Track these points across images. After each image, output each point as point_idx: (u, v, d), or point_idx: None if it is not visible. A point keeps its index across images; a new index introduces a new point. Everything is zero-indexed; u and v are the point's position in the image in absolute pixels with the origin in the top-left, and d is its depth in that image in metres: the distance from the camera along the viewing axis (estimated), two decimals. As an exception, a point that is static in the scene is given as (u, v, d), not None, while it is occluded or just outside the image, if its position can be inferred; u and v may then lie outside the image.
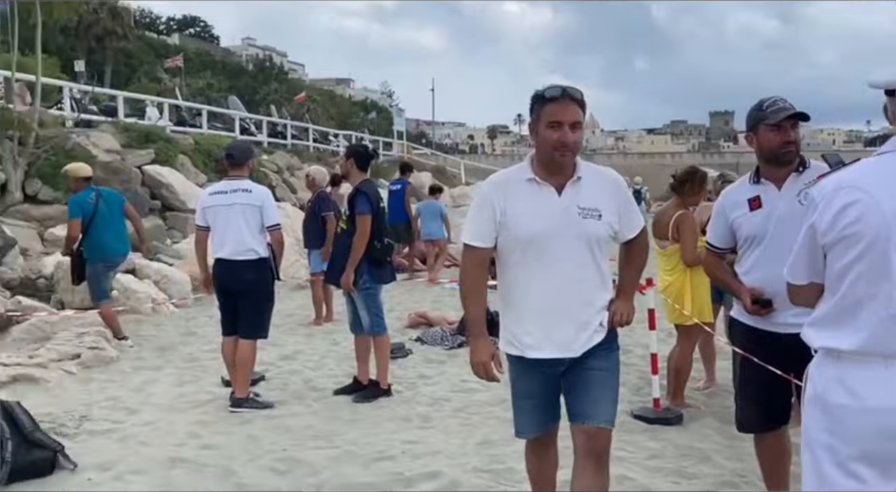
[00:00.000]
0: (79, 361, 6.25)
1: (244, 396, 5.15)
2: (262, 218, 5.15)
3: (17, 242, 9.34)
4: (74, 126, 14.42)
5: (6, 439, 3.91)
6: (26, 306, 7.63)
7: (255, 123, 24.60)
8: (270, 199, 5.32)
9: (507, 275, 2.71)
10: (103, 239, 7.05)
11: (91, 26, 41.17)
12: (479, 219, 2.68)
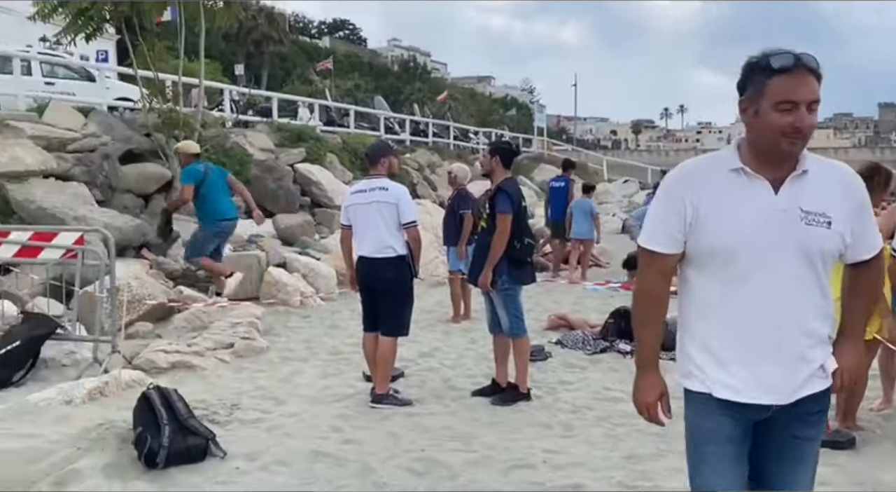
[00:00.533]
0: (232, 350, 6.56)
1: (384, 392, 5.18)
2: (399, 215, 5.15)
3: (180, 235, 10.00)
4: (233, 126, 15.33)
5: (164, 424, 4.13)
6: (186, 296, 8.13)
7: (398, 122, 25.21)
8: (406, 196, 5.31)
9: (694, 291, 2.12)
10: (213, 204, 8.16)
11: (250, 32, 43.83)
12: (663, 218, 2.09)
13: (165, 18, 12.63)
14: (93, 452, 4.14)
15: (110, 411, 4.88)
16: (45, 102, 11.91)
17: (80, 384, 5.30)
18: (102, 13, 11.09)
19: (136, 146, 11.45)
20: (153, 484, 3.88)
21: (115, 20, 11.31)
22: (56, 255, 6.22)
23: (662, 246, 2.09)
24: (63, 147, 10.20)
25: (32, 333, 5.76)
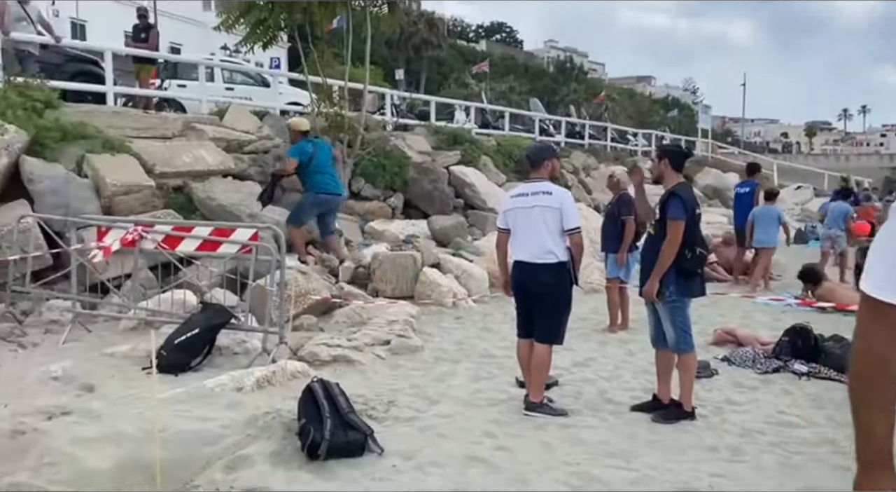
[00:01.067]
0: (388, 347, 6.72)
1: (538, 400, 5.09)
2: (562, 221, 5.03)
3: (343, 233, 10.42)
4: (393, 129, 15.81)
5: (326, 417, 4.27)
6: (347, 293, 8.45)
7: (553, 124, 24.97)
8: (571, 201, 5.17)
9: None
10: (320, 178, 9.00)
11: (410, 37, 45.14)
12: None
13: (334, 26, 13.23)
14: (260, 439, 4.37)
15: (276, 400, 5.14)
16: (225, 106, 12.85)
17: (251, 373, 5.62)
18: (278, 22, 11.78)
19: (304, 148, 12.06)
20: (315, 475, 4.03)
21: (290, 28, 11.98)
22: (233, 249, 6.66)
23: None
24: (240, 148, 10.95)
25: (210, 322, 6.18)
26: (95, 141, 8.78)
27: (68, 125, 8.74)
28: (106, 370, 5.84)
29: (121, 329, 7.00)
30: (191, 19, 33.36)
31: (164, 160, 9.39)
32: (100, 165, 8.45)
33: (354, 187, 12.43)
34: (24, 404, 4.90)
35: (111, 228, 6.83)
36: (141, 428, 4.49)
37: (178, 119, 11.34)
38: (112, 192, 8.28)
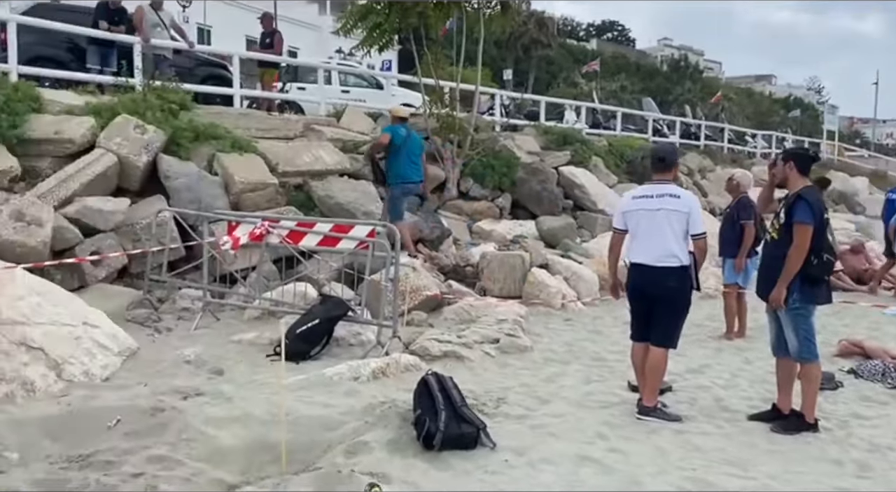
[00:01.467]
0: (497, 345, 6.82)
1: (652, 405, 5.05)
2: (689, 225, 4.96)
3: (451, 232, 10.61)
4: (502, 130, 15.89)
5: (441, 409, 4.41)
6: (456, 290, 8.61)
7: (667, 124, 24.35)
8: (698, 205, 5.08)
9: None
10: (403, 167, 9.47)
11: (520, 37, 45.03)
12: None
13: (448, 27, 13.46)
14: (377, 427, 4.56)
15: (391, 391, 5.34)
16: (341, 108, 13.32)
17: (366, 363, 5.86)
18: (394, 26, 12.11)
19: (415, 148, 12.35)
20: (430, 465, 4.17)
21: (405, 31, 12.29)
22: (351, 245, 6.94)
23: None
24: (355, 148, 11.33)
25: (329, 314, 6.47)
26: (225, 141, 9.33)
27: (200, 126, 9.33)
28: (233, 356, 6.23)
29: (246, 318, 7.43)
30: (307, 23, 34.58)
31: (286, 160, 9.86)
32: (229, 163, 8.99)
33: (463, 187, 12.61)
34: (162, 384, 5.33)
35: (240, 223, 7.26)
36: (267, 411, 4.79)
37: (299, 120, 11.85)
38: (240, 189, 8.80)
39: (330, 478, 3.91)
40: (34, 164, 7.96)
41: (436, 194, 12.24)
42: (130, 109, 8.78)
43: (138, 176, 8.32)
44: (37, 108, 8.38)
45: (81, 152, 8.14)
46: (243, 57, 12.98)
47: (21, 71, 9.54)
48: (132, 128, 8.44)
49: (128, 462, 4.06)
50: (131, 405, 4.76)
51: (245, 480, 4.05)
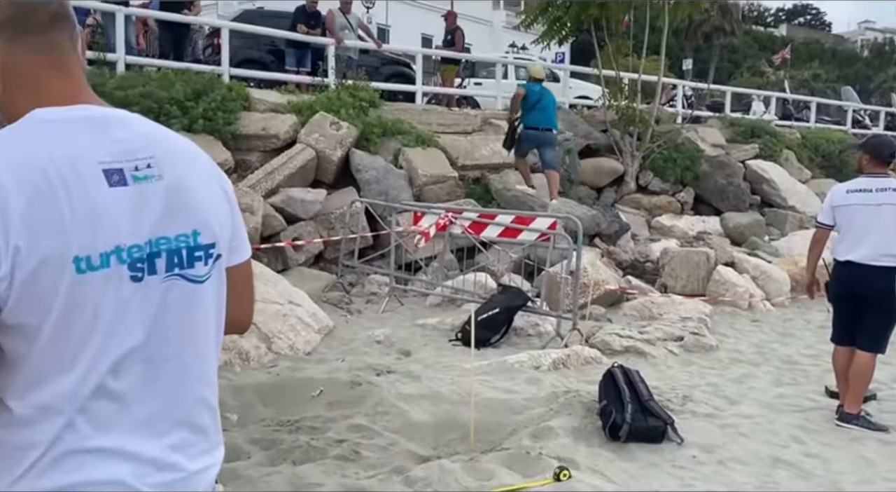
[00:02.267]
0: (681, 343, 6.67)
1: (855, 412, 4.75)
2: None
3: (630, 226, 10.46)
4: (685, 122, 15.36)
5: (627, 402, 4.43)
6: (636, 286, 8.51)
7: (869, 115, 22.36)
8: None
9: None
10: (534, 116, 9.72)
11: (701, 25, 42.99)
12: None
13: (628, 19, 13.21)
14: (562, 415, 4.65)
15: (572, 382, 5.42)
16: (517, 102, 13.48)
17: (547, 354, 5.97)
18: (574, 19, 12.10)
19: (593, 141, 12.29)
20: (615, 455, 4.21)
21: (586, 23, 12.23)
22: (532, 237, 7.08)
23: None
24: (532, 142, 11.45)
25: (509, 303, 6.65)
26: (409, 136, 9.80)
27: (388, 122, 9.87)
28: (419, 338, 6.57)
29: (427, 304, 7.80)
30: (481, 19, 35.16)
31: (465, 153, 10.19)
32: (413, 157, 9.44)
33: (642, 181, 12.36)
34: (356, 361, 5.74)
35: (425, 214, 7.63)
36: (454, 391, 5.04)
37: (478, 115, 12.17)
38: (423, 181, 9.22)
39: (518, 458, 4.06)
40: (245, 157, 8.81)
41: (613, 188, 12.11)
42: (326, 107, 9.47)
43: (333, 169, 8.96)
44: (247, 107, 9.26)
45: (285, 147, 8.91)
46: (426, 55, 13.48)
47: (232, 72, 10.53)
48: (328, 124, 9.10)
49: (331, 429, 4.43)
50: (331, 378, 5.18)
51: (436, 454, 4.29)
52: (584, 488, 3.73)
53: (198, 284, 1.42)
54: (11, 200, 1.18)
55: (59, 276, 1.22)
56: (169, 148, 1.42)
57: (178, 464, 1.42)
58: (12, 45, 1.32)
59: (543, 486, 3.70)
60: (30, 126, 1.29)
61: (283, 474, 3.83)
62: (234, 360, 5.53)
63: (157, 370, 1.38)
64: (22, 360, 1.25)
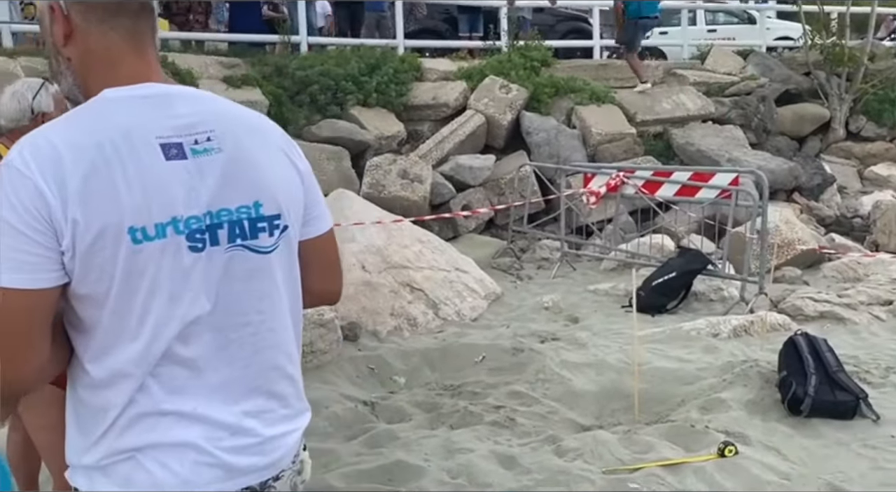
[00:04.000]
0: (889, 308, 5.97)
1: None
2: None
3: (835, 179, 9.48)
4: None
5: (811, 373, 4.05)
6: (839, 245, 7.71)
7: None
8: None
9: None
10: (640, 5, 9.65)
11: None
12: None
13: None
14: (736, 385, 4.35)
15: (754, 350, 5.03)
16: (706, 49, 12.60)
17: (727, 320, 5.59)
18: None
19: (793, 86, 11.21)
20: (794, 430, 3.89)
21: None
22: (711, 195, 6.62)
23: None
24: (721, 91, 10.69)
25: (687, 267, 6.29)
26: (583, 93, 9.51)
27: (560, 81, 9.64)
28: (589, 305, 6.41)
29: (602, 269, 7.58)
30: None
31: (644, 108, 9.71)
32: (586, 115, 9.16)
33: (853, 127, 11.13)
34: (522, 327, 5.73)
35: (596, 175, 7.38)
36: (621, 360, 4.88)
37: (659, 66, 11.53)
38: (597, 141, 8.93)
39: (682, 431, 3.88)
40: (416, 127, 9.03)
41: (818, 137, 11.01)
42: (496, 71, 9.43)
43: (503, 133, 8.93)
44: (418, 77, 9.45)
45: (455, 114, 9.01)
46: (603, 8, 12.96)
47: (405, 44, 10.78)
48: (498, 88, 9.07)
49: (491, 395, 4.47)
50: (494, 344, 5.21)
51: (598, 423, 4.19)
52: (753, 465, 3.47)
53: (263, 255, 1.46)
54: (69, 176, 1.27)
55: (117, 246, 1.30)
56: (232, 122, 1.47)
57: (252, 429, 1.48)
58: (102, 27, 1.41)
59: (706, 462, 3.49)
60: (96, 104, 1.38)
61: (438, 438, 3.93)
62: (403, 325, 5.73)
63: (228, 338, 1.44)
64: (95, 327, 1.36)
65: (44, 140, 1.32)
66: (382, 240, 6.22)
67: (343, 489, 3.35)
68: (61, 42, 1.43)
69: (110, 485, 1.40)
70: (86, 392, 1.41)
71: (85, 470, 1.43)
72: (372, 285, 5.85)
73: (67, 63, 1.46)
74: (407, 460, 3.58)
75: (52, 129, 1.36)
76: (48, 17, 1.43)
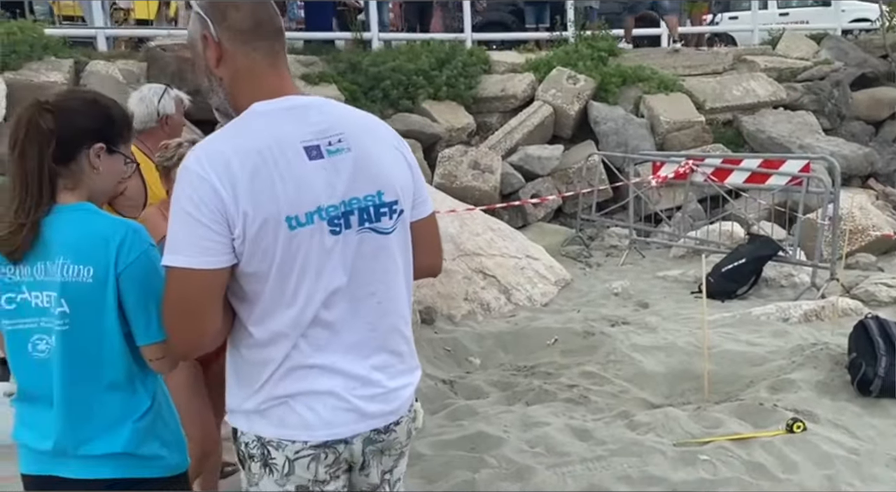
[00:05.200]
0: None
1: None
2: None
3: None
4: None
5: (881, 355, 4.12)
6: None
7: None
8: None
9: None
10: None
11: None
12: None
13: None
14: (805, 367, 4.45)
15: (824, 334, 5.10)
16: (778, 34, 12.40)
17: (798, 305, 5.67)
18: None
19: (870, 70, 10.94)
20: (863, 410, 3.98)
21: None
22: (782, 181, 6.65)
23: None
24: (793, 77, 10.54)
25: (757, 253, 6.36)
26: (651, 82, 9.56)
27: (627, 70, 9.70)
28: (658, 291, 6.54)
29: (671, 256, 7.67)
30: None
31: (714, 95, 9.69)
32: (654, 104, 9.22)
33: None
34: (591, 312, 5.91)
35: (665, 163, 7.48)
36: (690, 343, 5.02)
37: (729, 53, 11.42)
38: (665, 129, 8.98)
39: (751, 409, 4.02)
40: (485, 119, 9.24)
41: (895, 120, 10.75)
42: (563, 61, 9.56)
43: (570, 123, 9.07)
44: (487, 70, 9.65)
45: (523, 106, 9.19)
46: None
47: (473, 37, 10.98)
48: (565, 79, 9.21)
49: (564, 375, 4.69)
50: (566, 328, 5.42)
51: (668, 402, 4.35)
52: (822, 441, 3.60)
53: (385, 235, 1.75)
54: (237, 177, 1.58)
55: (277, 232, 1.60)
56: (355, 125, 1.76)
57: (379, 381, 1.77)
58: (246, 49, 1.72)
59: (774, 437, 3.64)
60: (250, 117, 1.68)
61: (515, 413, 4.16)
62: (477, 310, 5.98)
63: (358, 305, 1.73)
64: (257, 297, 1.66)
65: (214, 148, 1.63)
66: (455, 228, 6.46)
67: (432, 454, 3.63)
68: (214, 64, 1.73)
69: (267, 425, 1.71)
70: (248, 351, 1.72)
71: (245, 414, 1.74)
72: (446, 272, 6.06)
73: (219, 82, 1.76)
74: (487, 431, 3.83)
75: (219, 138, 1.67)
76: (201, 44, 1.73)
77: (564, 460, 3.53)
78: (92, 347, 1.86)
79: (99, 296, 1.84)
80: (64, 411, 1.89)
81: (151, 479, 1.95)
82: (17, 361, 1.93)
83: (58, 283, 1.82)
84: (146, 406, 1.93)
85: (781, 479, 3.33)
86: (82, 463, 1.91)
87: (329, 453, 1.73)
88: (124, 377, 1.89)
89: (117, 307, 1.84)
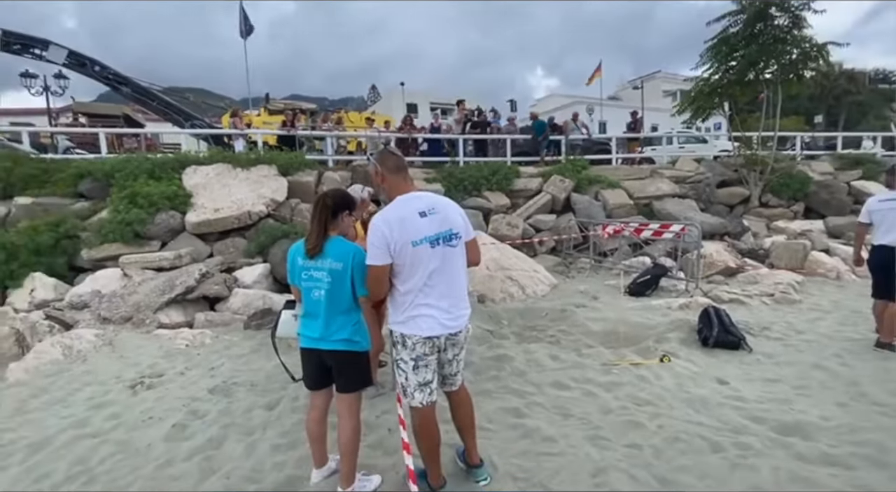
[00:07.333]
0: (772, 297, 5.83)
1: (887, 341, 3.93)
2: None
3: (750, 229, 9.05)
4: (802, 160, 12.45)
5: (714, 325, 4.24)
6: (749, 264, 7.43)
7: None
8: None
9: None
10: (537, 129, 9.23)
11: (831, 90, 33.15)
12: None
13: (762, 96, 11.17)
14: (677, 331, 4.55)
15: (690, 315, 5.04)
16: (676, 158, 12.27)
17: (676, 300, 5.68)
18: (711, 105, 10.72)
19: (727, 178, 10.72)
20: (703, 353, 4.11)
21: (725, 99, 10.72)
22: (671, 235, 6.70)
23: None
24: (683, 181, 10.41)
25: (657, 272, 6.42)
26: (604, 183, 9.64)
27: (592, 176, 9.82)
28: (604, 291, 6.52)
29: (613, 273, 7.64)
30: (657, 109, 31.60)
31: (639, 190, 9.69)
32: (606, 194, 9.30)
33: (764, 200, 10.42)
34: (567, 300, 5.90)
35: (608, 225, 7.61)
36: (616, 317, 5.08)
37: (648, 168, 11.38)
38: (611, 208, 9.05)
39: (643, 350, 4.18)
40: (516, 200, 9.47)
41: (742, 205, 10.45)
42: (558, 171, 9.76)
43: (560, 204, 9.24)
44: (517, 175, 9.93)
45: (535, 194, 9.43)
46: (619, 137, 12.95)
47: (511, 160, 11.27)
48: (558, 181, 9.44)
49: (548, 330, 4.87)
50: (552, 307, 5.55)
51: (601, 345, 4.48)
52: (679, 366, 3.78)
53: (454, 248, 2.20)
54: (393, 227, 2.07)
55: (407, 248, 2.08)
56: (441, 202, 2.23)
57: (452, 312, 2.21)
58: (392, 175, 2.24)
59: (653, 363, 3.83)
60: (398, 202, 2.18)
61: (521, 347, 4.40)
62: (506, 297, 6.15)
63: (444, 278, 2.17)
64: (399, 275, 2.13)
65: (384, 215, 2.11)
66: (497, 254, 6.71)
67: (478, 362, 3.96)
68: (380, 181, 2.26)
69: (405, 328, 2.16)
70: (398, 295, 2.18)
71: (396, 324, 2.22)
72: (490, 276, 6.32)
73: (383, 187, 2.25)
74: (508, 354, 4.14)
75: (386, 211, 2.11)
76: (375, 171, 2.26)
77: (544, 369, 3.81)
78: (339, 295, 2.27)
79: (345, 275, 2.29)
80: (324, 320, 2.31)
81: (358, 352, 2.37)
82: (306, 299, 2.32)
83: (327, 269, 2.30)
84: (356, 320, 2.32)
85: (654, 383, 3.53)
86: (331, 343, 2.34)
87: (430, 342, 2.18)
88: (350, 307, 2.31)
89: (350, 279, 2.31)
